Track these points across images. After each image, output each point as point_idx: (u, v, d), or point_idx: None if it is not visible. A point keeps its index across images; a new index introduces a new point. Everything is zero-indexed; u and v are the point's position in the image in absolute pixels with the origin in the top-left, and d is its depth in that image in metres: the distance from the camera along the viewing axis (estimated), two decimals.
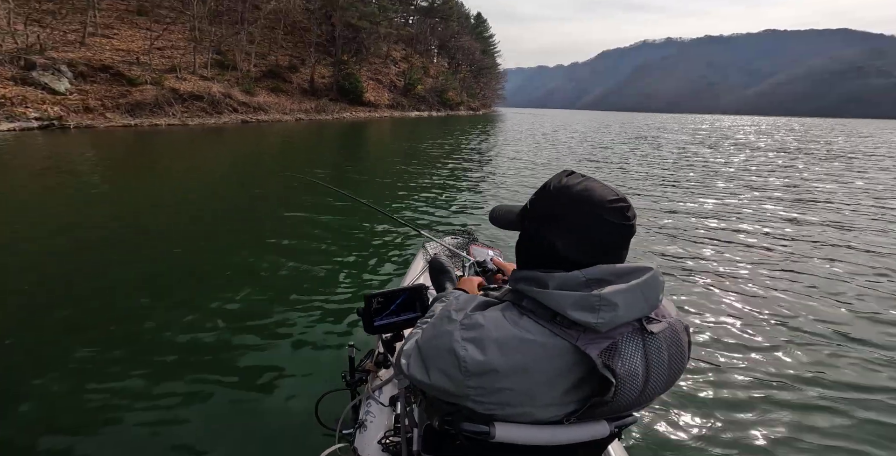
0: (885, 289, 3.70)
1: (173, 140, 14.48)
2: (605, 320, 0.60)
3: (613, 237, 0.66)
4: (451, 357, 0.65)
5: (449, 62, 56.80)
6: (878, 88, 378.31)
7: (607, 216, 0.64)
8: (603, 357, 0.61)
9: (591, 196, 0.66)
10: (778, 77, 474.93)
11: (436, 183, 8.07)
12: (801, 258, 4.45)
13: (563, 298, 0.62)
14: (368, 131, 22.35)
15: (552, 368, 0.63)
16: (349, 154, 13.39)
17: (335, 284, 3.39)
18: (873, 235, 5.34)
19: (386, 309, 1.22)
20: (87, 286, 3.25)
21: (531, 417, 0.66)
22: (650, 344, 0.65)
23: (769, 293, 3.53)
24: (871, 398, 2.25)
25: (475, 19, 66.21)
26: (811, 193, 8.00)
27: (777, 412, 2.11)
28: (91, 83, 18.98)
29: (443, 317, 0.72)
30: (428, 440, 0.82)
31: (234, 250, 4.11)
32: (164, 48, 23.14)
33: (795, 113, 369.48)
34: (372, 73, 39.81)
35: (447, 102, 48.64)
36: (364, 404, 1.35)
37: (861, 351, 2.72)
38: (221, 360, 2.37)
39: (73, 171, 7.71)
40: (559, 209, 0.68)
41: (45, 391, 2.09)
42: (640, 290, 0.62)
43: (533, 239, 0.71)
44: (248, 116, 23.16)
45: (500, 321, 0.65)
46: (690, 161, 12.72)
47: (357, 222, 5.12)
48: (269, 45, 31.07)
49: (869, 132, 40.65)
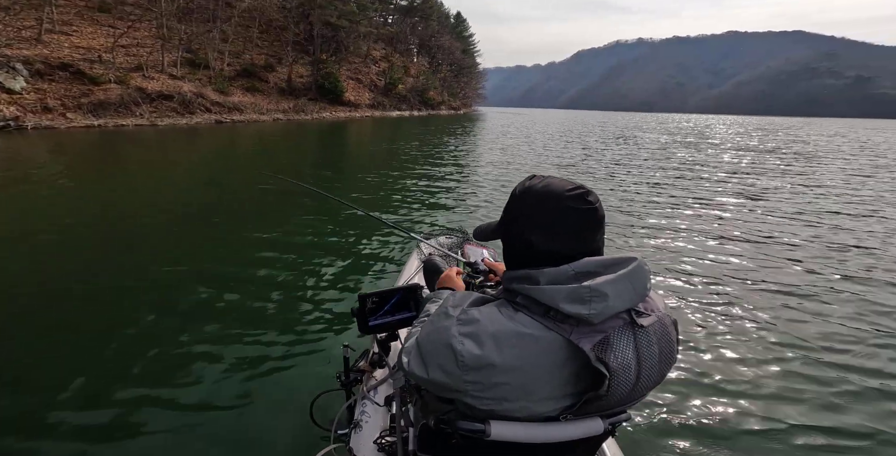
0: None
1: (140, 141, 13.47)
2: (598, 311, 0.61)
3: (581, 222, 0.67)
4: (449, 352, 0.65)
5: (429, 61, 55.97)
6: (830, 88, 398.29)
7: (569, 203, 0.67)
8: (596, 351, 0.62)
9: (551, 190, 0.69)
10: (740, 77, 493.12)
11: (431, 183, 7.74)
12: (795, 257, 4.38)
13: (556, 292, 0.62)
14: (350, 131, 21.54)
15: (548, 363, 0.63)
16: (333, 154, 12.73)
17: (329, 284, 3.29)
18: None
19: (380, 309, 1.17)
20: (81, 288, 3.08)
21: (528, 411, 0.66)
22: (641, 338, 0.65)
23: (761, 290, 3.50)
24: (863, 386, 2.26)
25: (455, 19, 65.49)
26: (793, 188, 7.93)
27: (770, 406, 2.09)
28: (49, 82, 17.55)
29: (440, 313, 0.72)
30: (424, 440, 0.81)
31: (225, 252, 3.97)
32: (129, 46, 21.67)
33: (756, 112, 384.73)
34: (352, 72, 38.72)
35: (428, 102, 47.96)
36: (359, 404, 1.33)
37: (849, 337, 2.74)
38: (214, 360, 2.29)
39: (25, 177, 6.88)
40: (527, 209, 0.70)
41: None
42: (628, 279, 0.63)
43: (512, 241, 0.73)
44: (222, 116, 21.98)
45: (495, 316, 0.66)
46: (691, 167, 12.67)
47: (351, 223, 4.96)
48: (243, 44, 29.67)
49: (836, 130, 42.25)
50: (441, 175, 8.69)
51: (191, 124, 19.64)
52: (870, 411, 2.10)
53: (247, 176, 8.05)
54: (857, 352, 2.62)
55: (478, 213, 5.79)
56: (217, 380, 2.14)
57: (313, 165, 10.06)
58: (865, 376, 2.38)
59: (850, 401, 2.17)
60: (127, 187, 6.71)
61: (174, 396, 2.01)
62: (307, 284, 3.28)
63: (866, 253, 4.60)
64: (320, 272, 3.52)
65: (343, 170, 9.67)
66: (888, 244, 4.93)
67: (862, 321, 3.03)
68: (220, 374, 2.18)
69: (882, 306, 3.25)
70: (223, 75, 25.02)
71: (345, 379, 1.37)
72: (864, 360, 2.55)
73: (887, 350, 2.65)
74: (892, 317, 3.10)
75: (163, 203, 5.78)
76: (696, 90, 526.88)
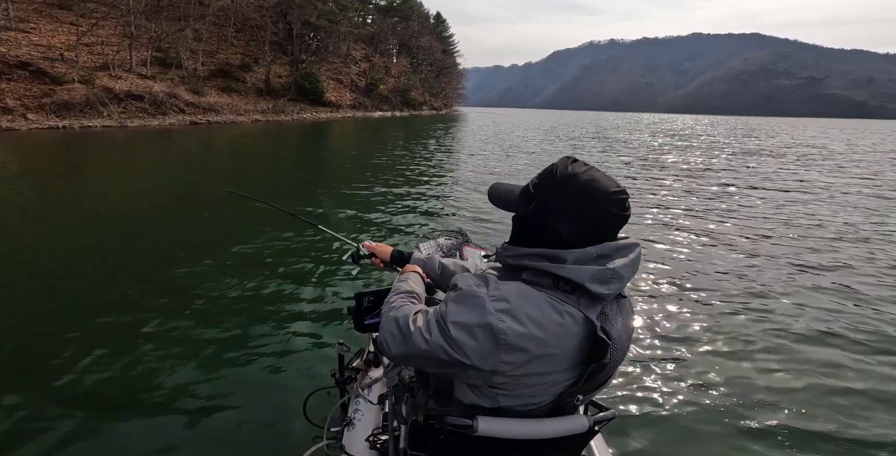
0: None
1: (106, 143, 12.54)
2: (612, 291, 0.65)
3: (614, 226, 0.68)
4: (486, 332, 0.62)
5: (410, 62, 54.90)
6: (785, 89, 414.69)
7: (610, 207, 0.66)
8: (600, 320, 0.64)
9: (596, 187, 0.66)
10: (703, 78, 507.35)
11: (430, 185, 7.38)
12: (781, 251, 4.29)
13: (582, 272, 0.64)
14: (332, 132, 20.71)
15: (569, 335, 0.64)
16: (321, 156, 11.98)
17: (325, 283, 3.20)
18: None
19: (377, 307, 1.12)
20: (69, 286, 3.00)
21: (547, 391, 0.66)
22: (624, 308, 0.70)
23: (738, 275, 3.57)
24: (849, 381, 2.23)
25: (435, 19, 64.46)
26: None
27: (759, 403, 2.05)
28: (7, 81, 16.13)
29: (466, 293, 0.66)
30: (414, 437, 0.81)
31: (220, 249, 3.83)
32: (94, 44, 20.18)
33: (720, 111, 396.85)
34: (332, 72, 37.45)
35: (410, 102, 47.06)
36: (353, 402, 1.32)
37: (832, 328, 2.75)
38: (208, 357, 2.23)
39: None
40: (564, 199, 0.67)
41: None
42: (634, 263, 0.67)
43: (537, 223, 0.71)
44: (197, 117, 20.76)
45: (525, 291, 0.65)
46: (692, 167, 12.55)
47: (350, 223, 4.87)
48: (217, 43, 28.17)
49: (817, 130, 44.69)
50: (442, 177, 8.28)
51: (163, 125, 18.45)
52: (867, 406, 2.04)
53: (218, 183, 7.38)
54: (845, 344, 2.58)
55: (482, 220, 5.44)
56: (210, 377, 2.07)
57: (296, 167, 9.41)
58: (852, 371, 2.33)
59: (836, 397, 2.12)
60: (90, 193, 6.06)
61: (167, 394, 1.95)
62: (303, 282, 3.18)
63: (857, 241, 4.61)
64: (316, 270, 3.42)
65: (327, 172, 9.11)
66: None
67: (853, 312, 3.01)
68: (213, 371, 2.12)
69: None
70: (197, 75, 23.65)
71: (339, 377, 1.36)
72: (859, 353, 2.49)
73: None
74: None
75: (153, 200, 5.54)
76: (664, 90, 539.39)
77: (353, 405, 1.30)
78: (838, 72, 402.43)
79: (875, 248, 4.58)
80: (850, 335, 2.67)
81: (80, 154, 10.64)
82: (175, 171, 8.75)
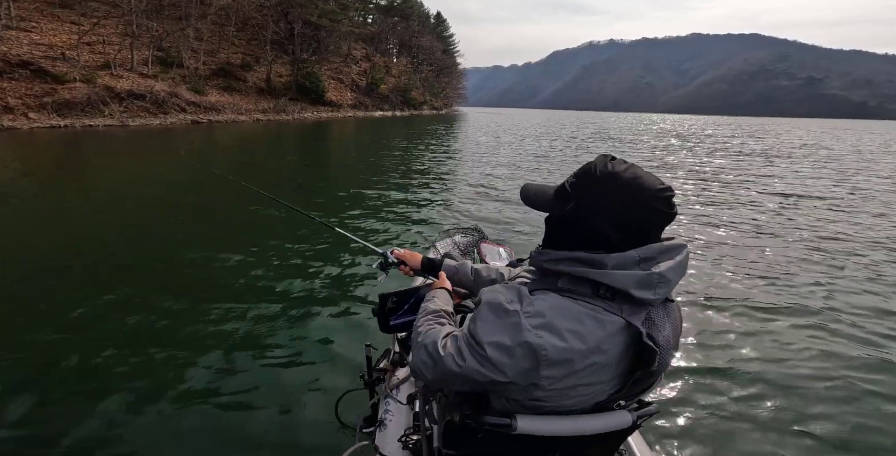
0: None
1: (107, 142, 12.47)
2: (659, 296, 0.62)
3: (656, 224, 0.65)
4: (526, 349, 0.60)
5: (410, 61, 54.79)
6: (784, 89, 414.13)
7: (656, 205, 0.63)
8: (645, 327, 0.62)
9: (641, 185, 0.63)
10: (703, 78, 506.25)
11: (445, 185, 7.32)
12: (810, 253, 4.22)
13: (626, 277, 0.61)
14: (334, 132, 20.62)
15: (613, 344, 0.61)
16: (327, 156, 11.91)
17: (350, 284, 3.22)
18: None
19: (400, 308, 1.13)
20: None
21: (590, 400, 0.64)
22: (671, 313, 0.66)
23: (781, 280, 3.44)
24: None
25: (435, 19, 64.32)
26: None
27: (802, 405, 2.00)
28: (8, 80, 16.08)
29: (495, 310, 0.63)
30: (448, 436, 0.81)
31: (242, 255, 3.76)
32: (95, 43, 20.11)
33: (720, 111, 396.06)
34: (333, 72, 37.37)
35: (410, 102, 46.95)
36: (382, 403, 1.32)
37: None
38: (241, 361, 2.24)
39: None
40: (606, 197, 0.64)
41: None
42: (681, 266, 0.64)
43: (573, 224, 0.67)
44: (198, 116, 20.71)
45: (559, 303, 0.62)
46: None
47: (368, 224, 4.86)
48: (218, 42, 28.09)
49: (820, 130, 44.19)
50: (455, 177, 8.17)
51: (165, 124, 18.39)
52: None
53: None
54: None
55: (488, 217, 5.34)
56: (244, 380, 2.09)
57: (293, 171, 9.34)
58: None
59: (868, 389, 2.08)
60: (106, 190, 5.97)
61: (202, 397, 1.96)
62: (330, 285, 3.19)
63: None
64: (339, 272, 3.44)
65: (333, 174, 9.02)
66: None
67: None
68: (247, 374, 2.14)
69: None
70: (198, 74, 23.60)
71: (368, 378, 1.36)
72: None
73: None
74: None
75: (161, 198, 5.56)
76: (664, 90, 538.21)
77: (382, 406, 1.30)
78: (838, 72, 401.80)
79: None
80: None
81: (81, 153, 10.58)
82: (177, 170, 8.70)
